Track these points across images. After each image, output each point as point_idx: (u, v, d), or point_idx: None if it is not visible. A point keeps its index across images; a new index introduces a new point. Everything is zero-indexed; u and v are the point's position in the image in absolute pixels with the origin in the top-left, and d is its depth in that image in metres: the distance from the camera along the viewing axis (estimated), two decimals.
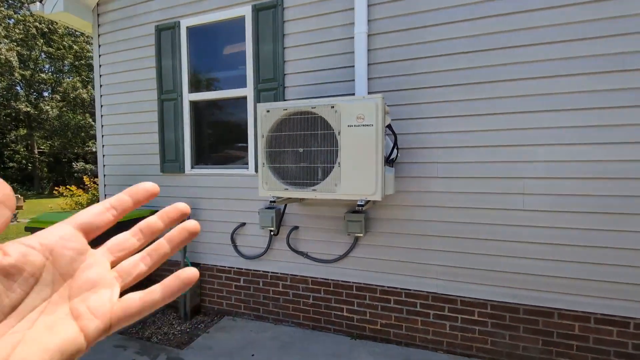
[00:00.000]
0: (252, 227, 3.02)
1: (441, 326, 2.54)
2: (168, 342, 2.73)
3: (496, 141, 2.33)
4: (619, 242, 2.12)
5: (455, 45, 2.37)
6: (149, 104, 3.33)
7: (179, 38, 3.16)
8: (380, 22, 2.53)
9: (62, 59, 22.76)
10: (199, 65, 3.22)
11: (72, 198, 5.69)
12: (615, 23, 2.06)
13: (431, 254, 2.52)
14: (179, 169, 3.24)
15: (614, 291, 2.15)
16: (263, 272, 3.04)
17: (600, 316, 2.19)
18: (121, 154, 3.52)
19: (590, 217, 2.16)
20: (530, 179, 2.27)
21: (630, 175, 2.08)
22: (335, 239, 2.76)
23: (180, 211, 0.33)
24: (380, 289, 2.68)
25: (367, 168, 2.04)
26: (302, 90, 2.79)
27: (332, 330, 2.83)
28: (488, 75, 2.32)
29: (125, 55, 3.40)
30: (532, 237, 2.28)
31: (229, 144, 3.21)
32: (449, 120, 2.43)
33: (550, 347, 2.29)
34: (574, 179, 2.18)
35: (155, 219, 0.32)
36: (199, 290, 3.27)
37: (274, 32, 2.82)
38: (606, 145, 2.11)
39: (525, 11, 2.21)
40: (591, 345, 2.21)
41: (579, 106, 2.15)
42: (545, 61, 2.20)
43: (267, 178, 2.31)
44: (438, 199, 2.49)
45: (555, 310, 2.27)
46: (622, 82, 2.06)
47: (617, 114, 2.08)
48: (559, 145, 2.20)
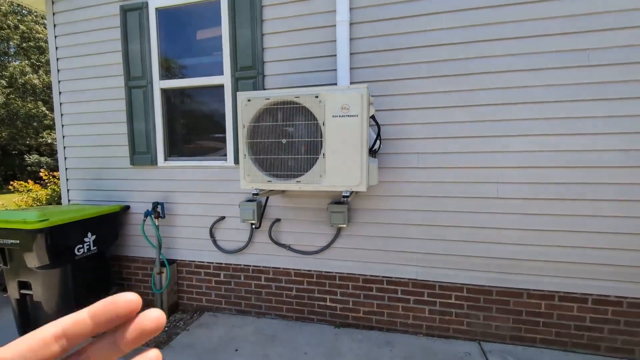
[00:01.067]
0: (233, 221, 2.94)
1: (421, 310, 2.64)
2: (145, 342, 2.61)
3: (472, 132, 2.42)
4: (581, 226, 2.30)
5: (436, 37, 2.40)
6: (115, 91, 3.09)
7: (148, 20, 2.94)
8: (362, 11, 2.50)
9: (7, 40, 20.49)
10: (170, 51, 3.02)
11: (29, 194, 5.19)
12: (581, 20, 2.19)
13: (412, 243, 2.60)
14: (150, 162, 3.06)
15: (575, 271, 2.34)
16: (244, 266, 2.98)
17: (563, 294, 2.38)
18: (85, 145, 3.25)
19: (557, 203, 2.32)
20: (504, 169, 2.39)
21: (594, 164, 2.25)
22: (318, 230, 2.76)
23: (126, 308, 0.24)
24: (362, 277, 2.73)
25: (352, 159, 2.04)
26: (283, 79, 2.71)
27: (316, 321, 2.86)
28: (466, 68, 2.38)
29: (87, 37, 3.11)
30: (504, 223, 2.42)
31: (206, 135, 3.07)
32: (428, 112, 2.48)
33: (520, 325, 2.47)
34: (543, 167, 2.32)
35: (84, 318, 0.25)
36: (176, 287, 3.15)
37: (252, 17, 2.70)
38: (574, 136, 2.26)
39: (502, 5, 2.28)
40: (555, 320, 2.41)
41: (549, 99, 2.27)
42: (517, 55, 2.29)
43: (249, 170, 2.24)
44: (418, 189, 2.55)
45: (524, 290, 2.44)
46: (587, 76, 2.21)
47: (583, 106, 2.23)
48: (530, 135, 2.32)
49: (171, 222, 3.09)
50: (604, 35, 2.16)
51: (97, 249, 2.85)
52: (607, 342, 2.34)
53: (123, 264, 3.30)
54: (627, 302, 2.29)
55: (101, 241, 2.89)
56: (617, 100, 2.18)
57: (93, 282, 2.85)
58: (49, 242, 2.41)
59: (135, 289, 3.29)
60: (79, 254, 2.67)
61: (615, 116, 2.19)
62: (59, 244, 2.49)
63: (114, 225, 3.09)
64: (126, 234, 3.24)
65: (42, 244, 2.39)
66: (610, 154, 2.22)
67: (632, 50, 2.13)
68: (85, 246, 2.73)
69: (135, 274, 3.29)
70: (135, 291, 3.11)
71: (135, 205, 3.18)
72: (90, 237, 2.77)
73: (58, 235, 2.47)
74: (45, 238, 2.39)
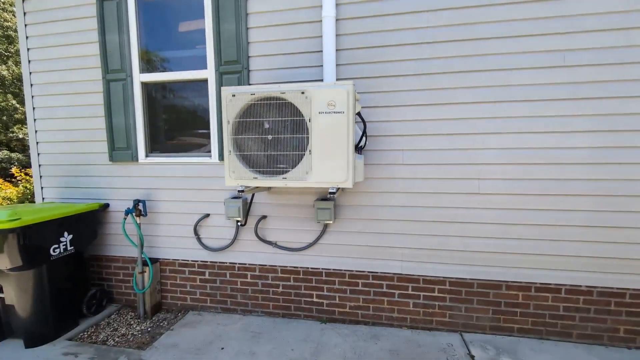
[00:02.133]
0: (217, 218, 2.90)
1: (405, 304, 2.70)
2: (127, 344, 2.54)
3: (453, 129, 2.47)
4: (556, 220, 2.41)
5: (420, 35, 2.44)
6: (92, 85, 2.96)
7: (126, 10, 2.83)
8: (348, 7, 2.50)
9: None
10: (151, 43, 2.92)
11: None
12: (558, 22, 2.27)
13: (396, 238, 2.64)
14: (131, 158, 2.96)
15: (550, 263, 2.45)
16: (230, 264, 2.95)
17: (539, 285, 2.49)
18: (61, 140, 3.11)
19: (532, 198, 2.42)
20: (484, 165, 2.46)
21: (567, 161, 2.35)
22: (304, 227, 2.76)
23: None
24: (348, 273, 2.76)
25: (338, 155, 2.05)
26: (268, 74, 2.68)
27: (303, 317, 2.87)
28: (448, 66, 2.43)
29: (61, 26, 2.96)
30: (485, 218, 2.50)
31: (189, 131, 3.00)
32: (412, 109, 2.51)
33: (499, 315, 2.57)
34: (520, 164, 2.41)
35: None
36: (159, 286, 3.07)
37: (237, 9, 2.65)
38: (550, 134, 2.35)
39: (485, 5, 2.34)
40: (531, 310, 2.52)
41: (527, 98, 2.35)
42: (497, 54, 2.36)
43: (235, 167, 2.20)
44: (402, 185, 2.59)
45: (503, 282, 2.54)
46: (564, 76, 2.30)
47: (558, 105, 2.33)
48: (508, 133, 2.40)
49: (153, 220, 3.01)
50: (580, 37, 2.26)
51: (75, 249, 2.74)
52: (578, 329, 2.47)
53: (103, 264, 3.19)
54: (597, 291, 2.42)
55: (79, 241, 2.78)
56: (589, 99, 2.29)
57: (71, 284, 2.74)
58: (21, 242, 2.29)
59: (116, 289, 3.19)
60: (55, 254, 2.56)
61: (586, 115, 2.30)
62: (33, 244, 2.38)
63: (93, 223, 2.98)
64: (106, 233, 3.13)
65: (15, 245, 2.27)
66: (581, 151, 2.33)
67: (606, 52, 2.24)
68: (62, 246, 2.61)
69: (115, 274, 3.19)
70: (116, 291, 3.03)
71: (115, 203, 3.07)
72: (67, 236, 2.66)
73: (31, 235, 2.36)
74: (17, 238, 2.27)
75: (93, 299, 2.95)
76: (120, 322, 2.88)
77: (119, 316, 2.99)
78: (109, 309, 3.10)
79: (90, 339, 2.63)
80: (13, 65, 18.73)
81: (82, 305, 2.85)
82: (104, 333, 2.71)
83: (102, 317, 2.95)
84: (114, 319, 2.94)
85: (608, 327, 2.43)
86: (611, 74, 2.25)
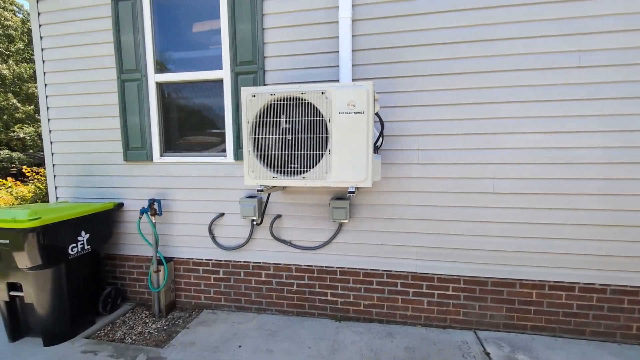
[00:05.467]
0: (232, 217, 2.92)
1: (419, 302, 2.73)
2: (145, 342, 2.56)
3: (469, 129, 2.50)
4: (570, 219, 2.43)
5: (436, 36, 2.46)
6: (107, 84, 2.97)
7: (141, 10, 2.84)
8: (364, 8, 2.52)
9: None
10: (166, 43, 2.93)
11: (9, 191, 4.88)
12: (574, 23, 2.29)
13: (411, 237, 2.67)
14: (146, 157, 2.98)
15: (563, 261, 2.48)
16: (244, 263, 2.97)
17: (552, 283, 2.52)
18: (75, 140, 3.12)
19: (547, 197, 2.45)
20: (499, 165, 2.49)
21: (581, 161, 2.38)
22: (319, 226, 2.78)
23: None
24: (363, 272, 2.78)
25: (358, 155, 2.07)
26: (284, 74, 2.69)
27: (317, 315, 2.89)
28: (464, 67, 2.45)
29: (76, 26, 2.97)
30: (499, 217, 2.52)
31: (204, 130, 3.01)
32: (428, 109, 2.53)
33: (513, 313, 2.60)
34: (534, 164, 2.44)
35: None
36: (173, 285, 3.09)
37: (252, 9, 2.66)
38: (563, 134, 2.38)
39: (505, 6, 2.36)
40: (545, 308, 2.55)
41: (542, 98, 2.38)
42: (514, 55, 2.38)
43: (254, 166, 2.22)
44: (417, 185, 2.61)
45: (517, 280, 2.57)
46: (579, 77, 2.32)
47: (573, 105, 2.35)
48: (523, 133, 2.43)
49: (168, 220, 3.03)
50: (597, 37, 2.28)
51: (91, 248, 2.76)
52: (592, 327, 2.50)
53: (117, 263, 3.21)
54: (611, 289, 2.45)
55: (95, 240, 2.79)
56: (604, 100, 2.31)
57: (87, 282, 2.76)
58: (41, 241, 2.31)
59: (130, 288, 3.21)
60: (73, 254, 2.57)
61: (601, 115, 2.32)
62: (52, 243, 2.39)
63: (108, 223, 3.00)
64: (120, 232, 3.15)
65: (34, 244, 2.29)
66: (595, 151, 2.36)
67: (624, 53, 2.26)
68: (79, 245, 2.63)
69: (129, 273, 3.21)
70: (130, 290, 3.05)
71: (129, 202, 3.09)
72: (84, 235, 2.68)
73: (51, 235, 2.37)
74: (37, 237, 2.29)
75: (108, 297, 2.96)
76: (136, 321, 2.90)
77: (134, 314, 3.01)
78: (124, 308, 3.12)
79: (107, 337, 2.65)
80: (14, 64, 18.65)
81: (98, 303, 2.86)
82: (120, 331, 2.73)
83: (117, 316, 2.97)
84: (129, 317, 2.96)
85: (621, 324, 2.46)
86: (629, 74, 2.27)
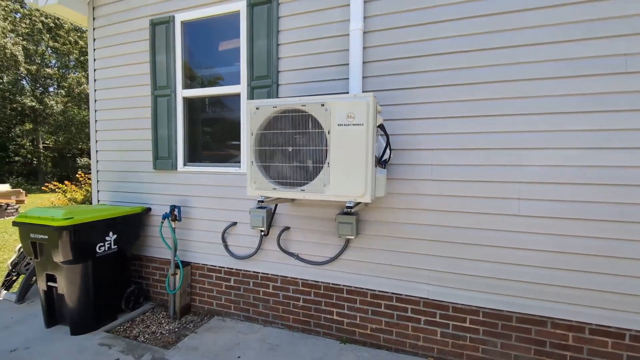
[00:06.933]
0: (243, 227, 2.98)
1: (432, 332, 2.48)
2: (155, 342, 2.69)
3: (491, 144, 2.26)
4: (616, 251, 2.04)
5: (450, 44, 2.30)
6: (142, 100, 3.30)
7: (174, 33, 3.12)
8: (376, 19, 2.47)
9: (68, 54, 22.88)
10: (193, 61, 3.18)
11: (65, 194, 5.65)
12: (610, 23, 1.98)
13: (423, 259, 2.46)
14: (171, 166, 3.21)
15: (609, 301, 2.07)
16: (253, 273, 3.00)
17: (595, 327, 2.12)
18: (114, 149, 3.50)
19: (586, 224, 2.09)
20: (526, 184, 2.20)
21: (627, 182, 2.00)
22: (326, 241, 2.71)
23: None
24: (371, 292, 2.63)
25: (356, 168, 1.99)
26: (296, 88, 2.73)
27: (322, 334, 2.78)
28: (484, 76, 2.25)
29: (120, 49, 3.37)
30: (526, 243, 2.21)
31: (222, 142, 3.17)
32: (443, 122, 2.36)
33: (543, 357, 2.22)
34: (570, 184, 2.11)
35: None
36: (189, 289, 3.23)
37: (269, 28, 2.77)
38: (603, 150, 2.03)
39: (523, 10, 2.14)
40: (585, 356, 2.14)
41: (574, 110, 2.07)
42: (539, 62, 2.12)
43: (256, 177, 2.26)
44: (431, 202, 2.42)
45: (548, 319, 2.20)
46: (617, 85, 1.99)
47: (613, 118, 2.01)
48: (554, 149, 2.13)
49: (187, 226, 3.20)
50: None
51: (118, 248, 3.01)
52: None
53: (143, 264, 3.46)
54: None
55: (122, 240, 3.05)
56: None
57: (112, 280, 3.00)
58: (72, 238, 2.58)
59: (152, 288, 3.43)
60: (100, 252, 2.83)
61: None
62: (82, 241, 2.66)
63: (136, 225, 3.26)
64: (147, 235, 3.40)
65: (67, 240, 2.56)
66: None
67: None
68: (107, 244, 2.89)
69: (153, 274, 3.43)
70: (152, 290, 3.23)
71: (155, 207, 3.33)
72: (112, 236, 2.94)
73: (81, 233, 2.64)
74: (69, 235, 2.56)
75: (131, 295, 3.19)
76: (153, 320, 3.07)
77: (153, 314, 3.19)
78: (145, 307, 3.32)
79: (124, 333, 2.83)
80: None
81: (121, 300, 3.09)
82: (137, 329, 2.91)
83: (138, 314, 3.17)
84: (148, 317, 3.14)
85: None
86: None
